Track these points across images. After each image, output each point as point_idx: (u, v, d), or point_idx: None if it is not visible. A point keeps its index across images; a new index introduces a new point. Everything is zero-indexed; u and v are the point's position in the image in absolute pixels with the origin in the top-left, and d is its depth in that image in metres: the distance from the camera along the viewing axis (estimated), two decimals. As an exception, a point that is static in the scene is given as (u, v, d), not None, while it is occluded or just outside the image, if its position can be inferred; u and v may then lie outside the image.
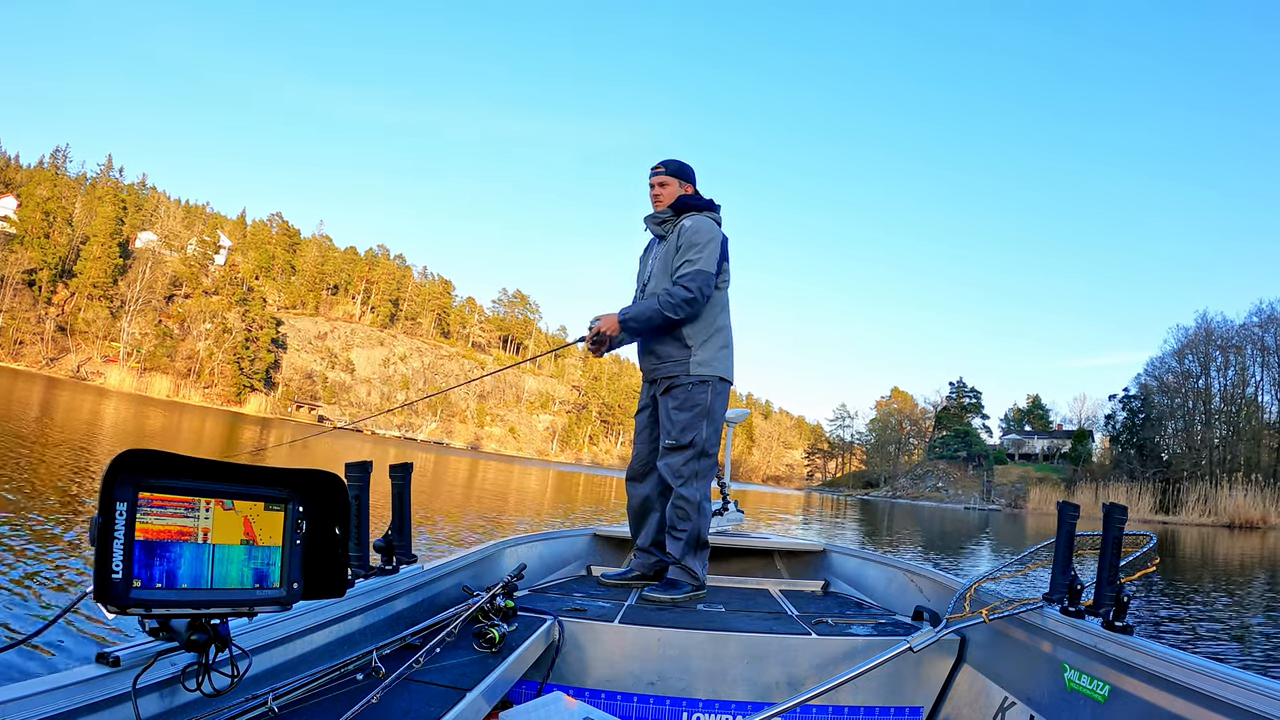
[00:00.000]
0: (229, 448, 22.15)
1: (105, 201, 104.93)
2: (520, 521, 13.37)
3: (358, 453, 36.21)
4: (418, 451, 52.47)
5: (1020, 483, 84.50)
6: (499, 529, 11.46)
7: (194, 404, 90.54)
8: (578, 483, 37.53)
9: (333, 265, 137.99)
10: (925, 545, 19.92)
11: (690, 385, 3.91)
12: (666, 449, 3.91)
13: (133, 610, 1.42)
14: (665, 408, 3.94)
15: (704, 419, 3.90)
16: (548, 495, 23.46)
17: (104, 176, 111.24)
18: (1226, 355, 72.27)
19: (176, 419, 37.47)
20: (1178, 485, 64.22)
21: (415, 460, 2.81)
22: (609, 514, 17.67)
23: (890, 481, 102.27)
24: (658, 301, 3.84)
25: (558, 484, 33.06)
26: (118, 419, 27.09)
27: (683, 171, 4.11)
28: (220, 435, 29.13)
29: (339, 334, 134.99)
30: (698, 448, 3.88)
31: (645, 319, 3.85)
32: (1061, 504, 2.59)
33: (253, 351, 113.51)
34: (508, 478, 31.61)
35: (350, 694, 1.93)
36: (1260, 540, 36.53)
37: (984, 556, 18.02)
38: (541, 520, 14.42)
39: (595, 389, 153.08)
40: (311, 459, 24.55)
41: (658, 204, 4.09)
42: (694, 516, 3.85)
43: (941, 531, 28.07)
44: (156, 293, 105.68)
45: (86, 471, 10.83)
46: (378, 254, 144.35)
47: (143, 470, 1.45)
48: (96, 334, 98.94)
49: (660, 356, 3.99)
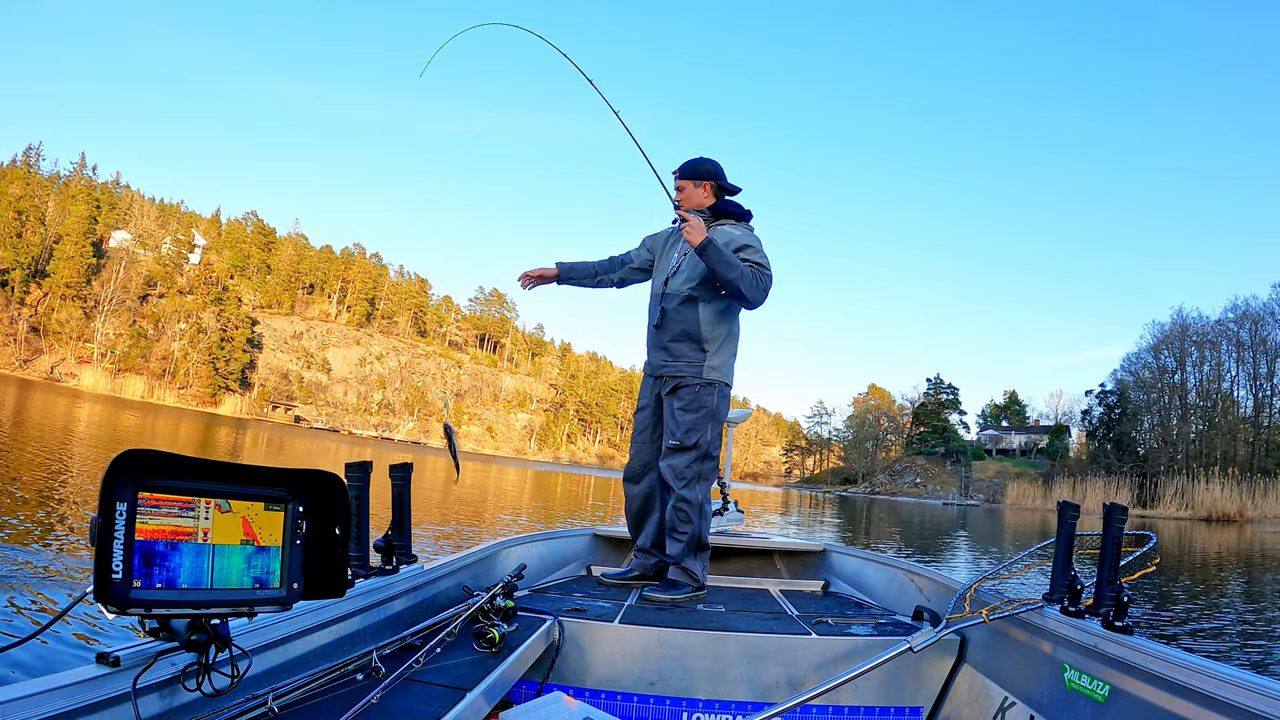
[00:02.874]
0: (204, 453, 21.93)
1: (78, 200, 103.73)
2: (497, 520, 13.33)
3: (334, 453, 36.07)
4: (395, 452, 52.17)
5: (998, 478, 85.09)
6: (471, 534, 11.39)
7: (168, 405, 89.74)
8: (556, 482, 37.47)
9: (308, 264, 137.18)
10: (905, 541, 20.02)
11: (698, 387, 3.89)
12: (670, 449, 3.89)
13: (133, 610, 1.42)
14: (671, 408, 3.92)
15: (709, 421, 3.89)
16: (526, 495, 23.39)
17: (77, 175, 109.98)
18: (1202, 351, 72.92)
19: (150, 421, 37.04)
20: (1155, 479, 64.77)
21: (394, 461, 2.81)
22: (584, 515, 17.62)
23: (868, 478, 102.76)
24: (745, 269, 3.79)
25: (536, 484, 32.97)
26: (90, 423, 26.79)
27: (698, 172, 4.08)
28: (195, 438, 28.86)
29: (315, 333, 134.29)
30: (702, 450, 3.87)
31: (725, 263, 3.75)
32: (1062, 504, 2.60)
33: (228, 352, 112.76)
34: (485, 478, 31.48)
35: (350, 694, 1.93)
36: (1237, 533, 36.93)
37: (962, 551, 18.14)
38: (518, 520, 14.37)
39: (573, 387, 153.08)
40: (290, 458, 24.45)
41: (688, 204, 4.06)
42: (695, 518, 3.84)
43: (921, 527, 28.25)
44: (131, 292, 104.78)
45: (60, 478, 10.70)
46: (354, 253, 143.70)
47: (143, 470, 1.46)
48: (70, 335, 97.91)
49: (674, 355, 3.95)
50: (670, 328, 3.96)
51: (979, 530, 28.61)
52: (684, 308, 3.95)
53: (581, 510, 19.58)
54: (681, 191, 4.07)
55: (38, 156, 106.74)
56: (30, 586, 4.81)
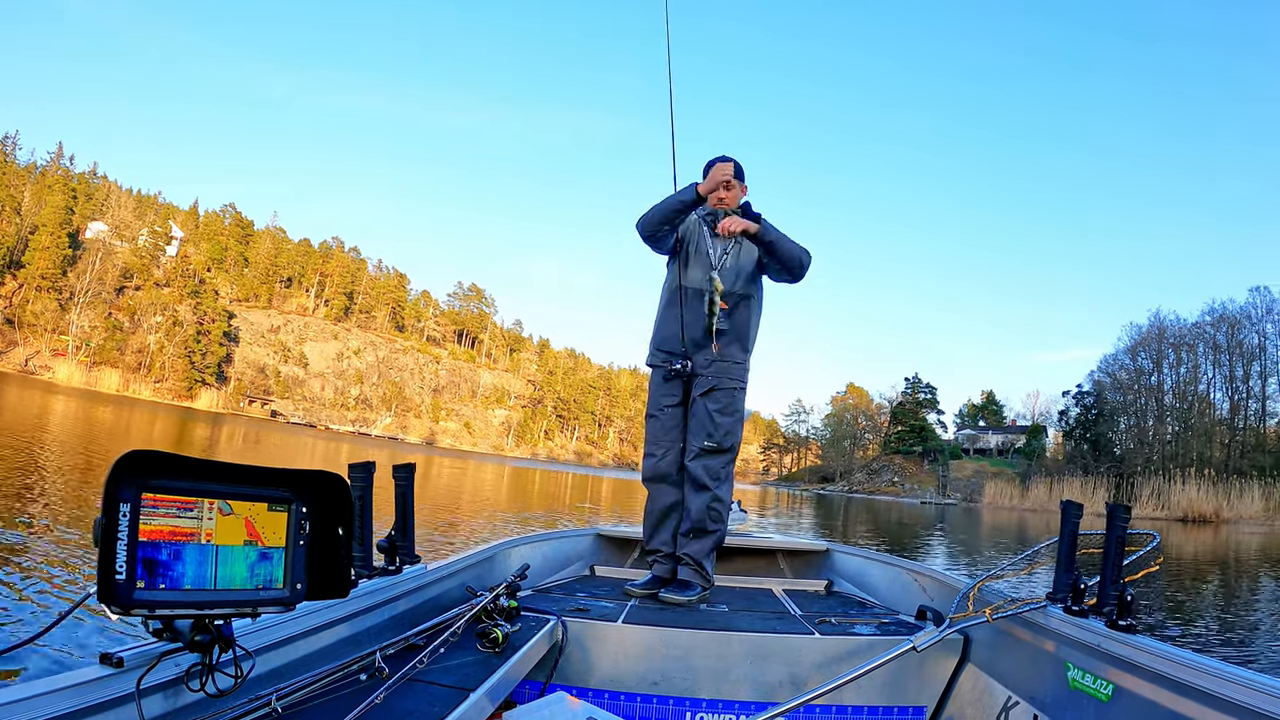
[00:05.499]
0: (179, 449, 21.75)
1: (55, 190, 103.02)
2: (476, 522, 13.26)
3: (311, 449, 35.90)
4: (371, 448, 51.93)
5: (975, 477, 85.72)
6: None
7: (144, 399, 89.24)
8: (533, 479, 37.36)
9: (286, 257, 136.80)
10: (882, 538, 20.11)
11: (734, 389, 3.88)
12: (706, 450, 3.84)
13: (136, 611, 1.43)
14: (705, 409, 3.86)
15: (740, 424, 3.90)
16: (503, 494, 23.31)
17: (54, 165, 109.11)
18: (1179, 353, 73.74)
19: (125, 416, 36.68)
20: (1131, 480, 65.27)
21: (370, 457, 2.80)
22: (558, 517, 17.56)
23: (846, 476, 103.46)
24: (800, 248, 3.83)
25: (514, 481, 32.86)
26: (65, 418, 26.53)
27: (741, 173, 4.02)
28: (170, 434, 28.63)
29: (292, 327, 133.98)
30: (735, 451, 3.89)
31: (784, 237, 3.76)
32: (1065, 503, 2.59)
33: (204, 345, 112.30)
34: (461, 474, 31.36)
35: (354, 694, 1.93)
36: (1214, 533, 37.33)
37: (939, 549, 18.26)
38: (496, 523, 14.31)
39: (551, 384, 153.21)
40: (266, 454, 24.31)
41: (722, 205, 3.95)
42: (725, 517, 3.86)
43: (899, 525, 28.43)
44: (107, 284, 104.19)
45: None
46: (332, 246, 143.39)
47: (146, 471, 1.46)
48: (45, 327, 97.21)
49: (722, 356, 3.88)
50: (724, 329, 3.87)
51: (957, 529, 28.81)
52: (740, 309, 3.90)
53: (560, 510, 19.53)
54: (730, 190, 3.96)
55: (14, 146, 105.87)
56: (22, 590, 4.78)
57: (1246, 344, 70.11)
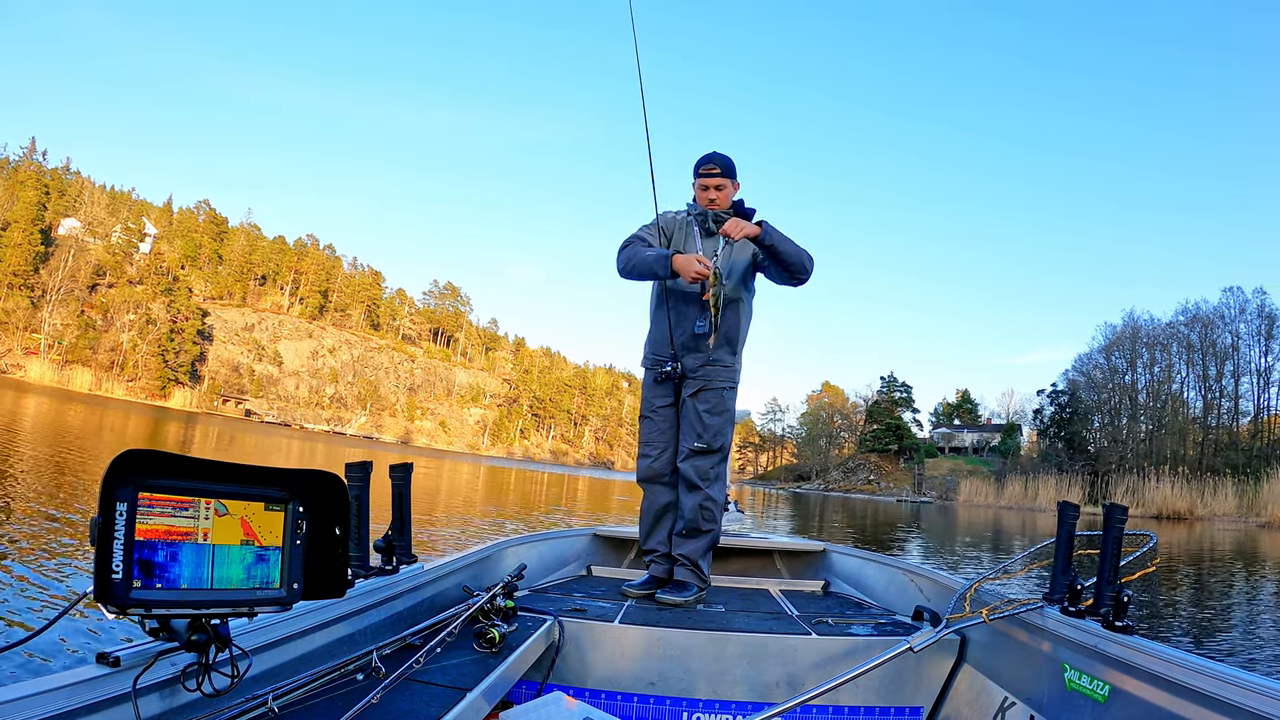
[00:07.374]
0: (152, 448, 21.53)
1: (27, 186, 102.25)
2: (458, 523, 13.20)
3: (286, 448, 35.68)
4: (346, 447, 51.67)
5: (951, 475, 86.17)
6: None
7: (117, 398, 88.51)
8: (509, 479, 37.21)
9: (261, 255, 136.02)
10: (857, 536, 20.18)
11: (724, 390, 3.88)
12: (696, 451, 3.84)
13: (133, 611, 1.42)
14: (695, 410, 3.86)
15: (730, 424, 3.91)
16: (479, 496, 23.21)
17: (26, 160, 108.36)
18: (1153, 352, 74.54)
19: (97, 417, 36.20)
20: (1106, 478, 65.94)
21: (347, 457, 2.80)
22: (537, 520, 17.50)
23: (822, 474, 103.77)
24: (802, 251, 3.81)
25: (490, 481, 32.71)
26: (37, 418, 26.24)
27: (733, 170, 4.00)
28: (143, 434, 28.33)
29: (267, 325, 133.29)
30: (725, 451, 3.88)
31: (788, 240, 3.75)
32: (1062, 504, 2.61)
33: (178, 343, 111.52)
34: (436, 475, 31.18)
35: (350, 694, 1.94)
36: (1188, 530, 37.75)
37: (915, 547, 18.38)
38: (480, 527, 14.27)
39: (526, 383, 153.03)
40: (240, 454, 24.13)
41: (713, 205, 3.95)
42: (719, 517, 3.86)
43: (875, 523, 28.56)
44: (79, 282, 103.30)
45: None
46: (307, 244, 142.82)
47: (143, 470, 1.46)
48: (16, 325, 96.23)
49: (712, 359, 3.88)
50: (716, 332, 3.83)
51: (933, 526, 28.99)
52: (729, 312, 3.88)
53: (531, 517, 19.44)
54: (721, 190, 3.96)
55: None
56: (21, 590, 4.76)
57: (1220, 344, 70.93)
